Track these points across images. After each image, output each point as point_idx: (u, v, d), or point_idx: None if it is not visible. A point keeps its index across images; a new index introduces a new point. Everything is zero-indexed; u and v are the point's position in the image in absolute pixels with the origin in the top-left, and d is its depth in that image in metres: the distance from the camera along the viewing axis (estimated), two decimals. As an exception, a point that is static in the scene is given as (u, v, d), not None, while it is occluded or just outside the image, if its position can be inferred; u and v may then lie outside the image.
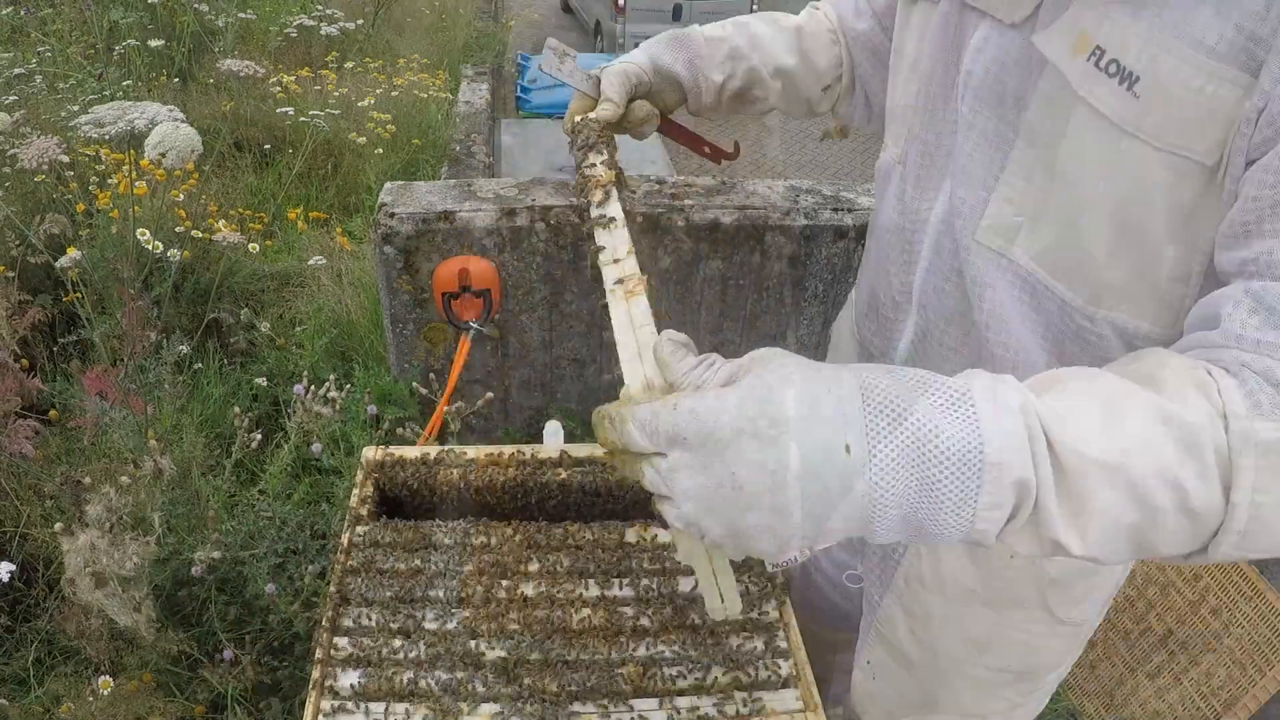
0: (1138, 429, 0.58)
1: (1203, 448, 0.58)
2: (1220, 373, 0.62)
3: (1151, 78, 0.67)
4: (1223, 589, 2.00)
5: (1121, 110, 0.70)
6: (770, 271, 2.45)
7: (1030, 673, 1.08)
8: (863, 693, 1.26)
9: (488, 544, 1.37)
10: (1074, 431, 0.58)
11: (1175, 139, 0.68)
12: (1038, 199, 0.81)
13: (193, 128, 2.25)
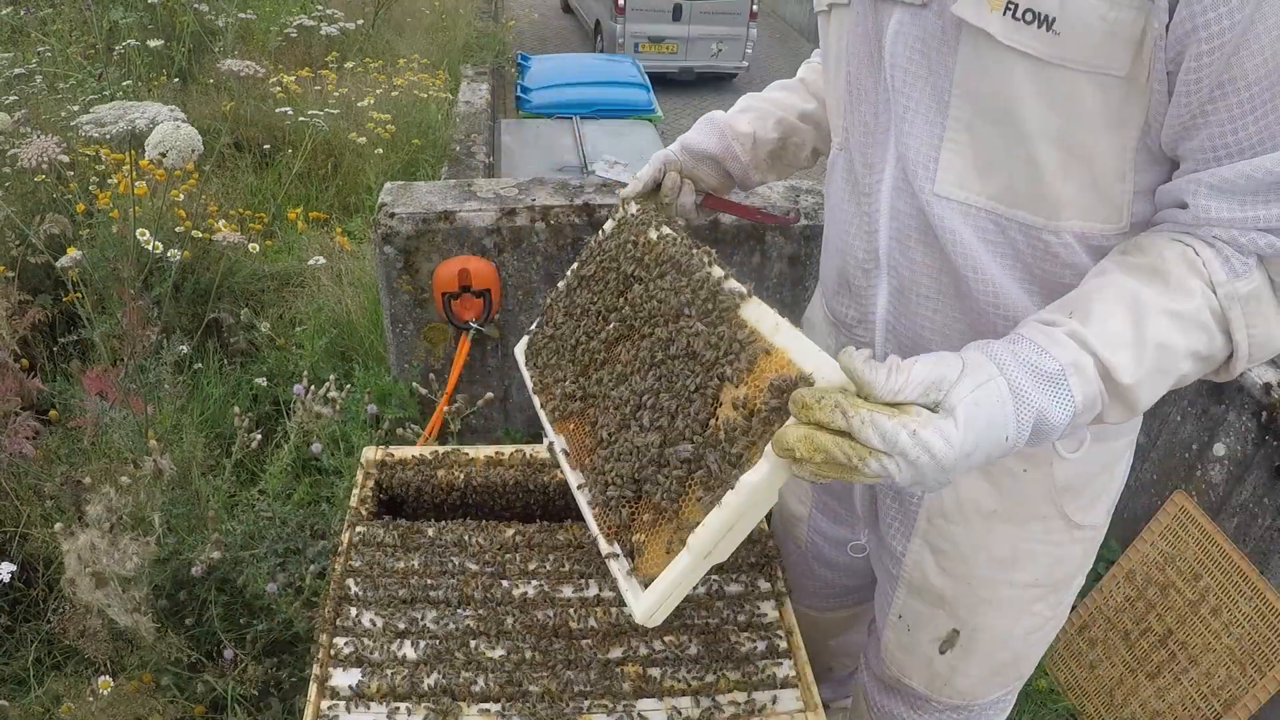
0: (1159, 337, 0.82)
1: (1205, 319, 0.84)
2: (1202, 246, 0.85)
3: (1066, 16, 0.80)
4: (1223, 589, 2.00)
5: (1047, 49, 0.82)
6: (770, 271, 2.45)
7: (1055, 584, 1.18)
8: (897, 647, 1.31)
9: (487, 544, 1.37)
10: (1120, 362, 0.81)
11: (1096, 60, 0.82)
12: (983, 146, 0.92)
13: (193, 128, 2.25)
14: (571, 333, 1.25)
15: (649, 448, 0.99)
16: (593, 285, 1.25)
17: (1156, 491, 2.25)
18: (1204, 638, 2.04)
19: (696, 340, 1.01)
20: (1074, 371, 0.81)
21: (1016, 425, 0.79)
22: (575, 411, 1.17)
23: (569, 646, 1.22)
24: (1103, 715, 2.22)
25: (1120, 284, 0.85)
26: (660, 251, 1.16)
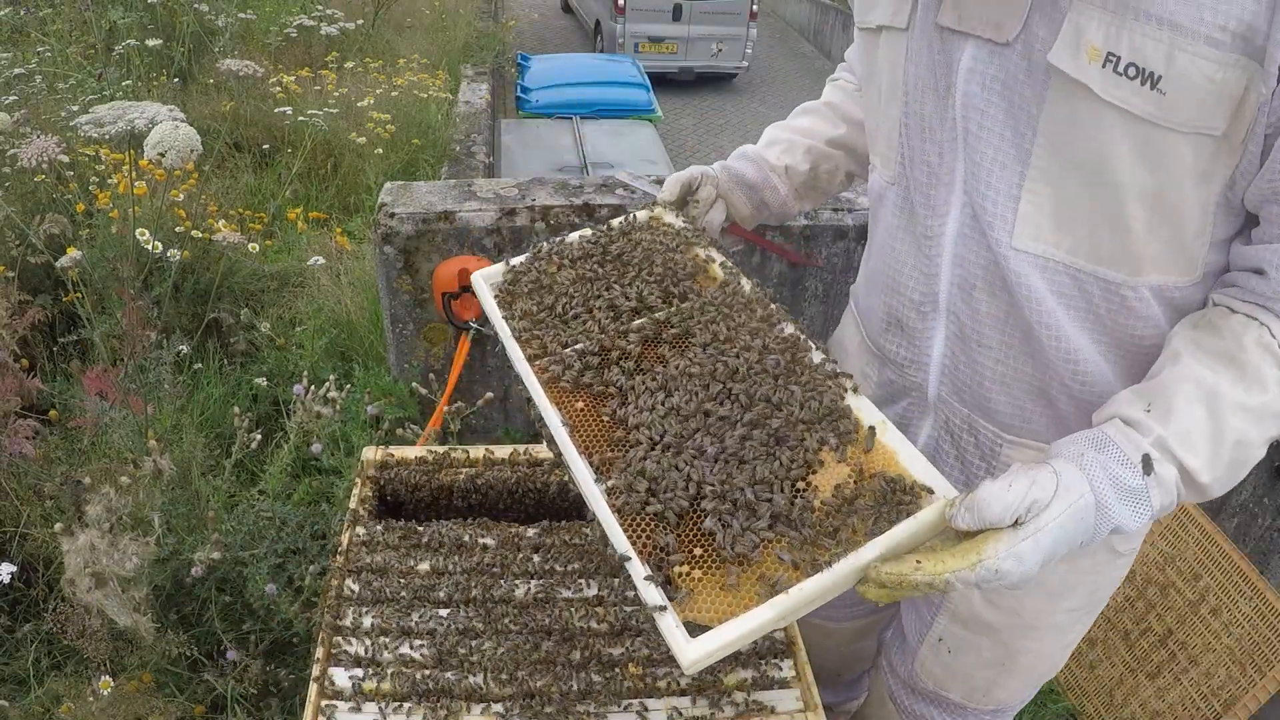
0: (1239, 434, 0.84)
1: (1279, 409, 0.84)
2: (1276, 323, 0.85)
3: (1173, 76, 0.77)
4: (1223, 589, 2.00)
5: (1151, 109, 0.79)
6: (770, 271, 2.45)
7: (1095, 605, 1.24)
8: (936, 665, 1.33)
9: (487, 544, 1.37)
10: (1200, 463, 0.85)
11: (1198, 121, 0.79)
12: (1064, 199, 0.89)
13: (192, 128, 2.25)
14: (584, 301, 1.14)
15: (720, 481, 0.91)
16: (618, 266, 1.18)
17: (1156, 491, 2.25)
18: (1204, 638, 2.04)
19: (789, 396, 0.97)
20: (1155, 484, 0.85)
21: (1094, 534, 0.85)
22: (585, 389, 1.05)
23: (569, 646, 1.22)
24: (1103, 715, 2.22)
25: (1197, 377, 0.86)
26: (727, 284, 1.12)
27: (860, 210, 2.39)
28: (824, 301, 2.48)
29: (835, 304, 2.49)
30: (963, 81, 0.92)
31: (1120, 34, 0.78)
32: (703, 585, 0.85)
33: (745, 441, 0.93)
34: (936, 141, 0.98)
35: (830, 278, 2.44)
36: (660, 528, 0.89)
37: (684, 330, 1.08)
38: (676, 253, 1.18)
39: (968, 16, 0.89)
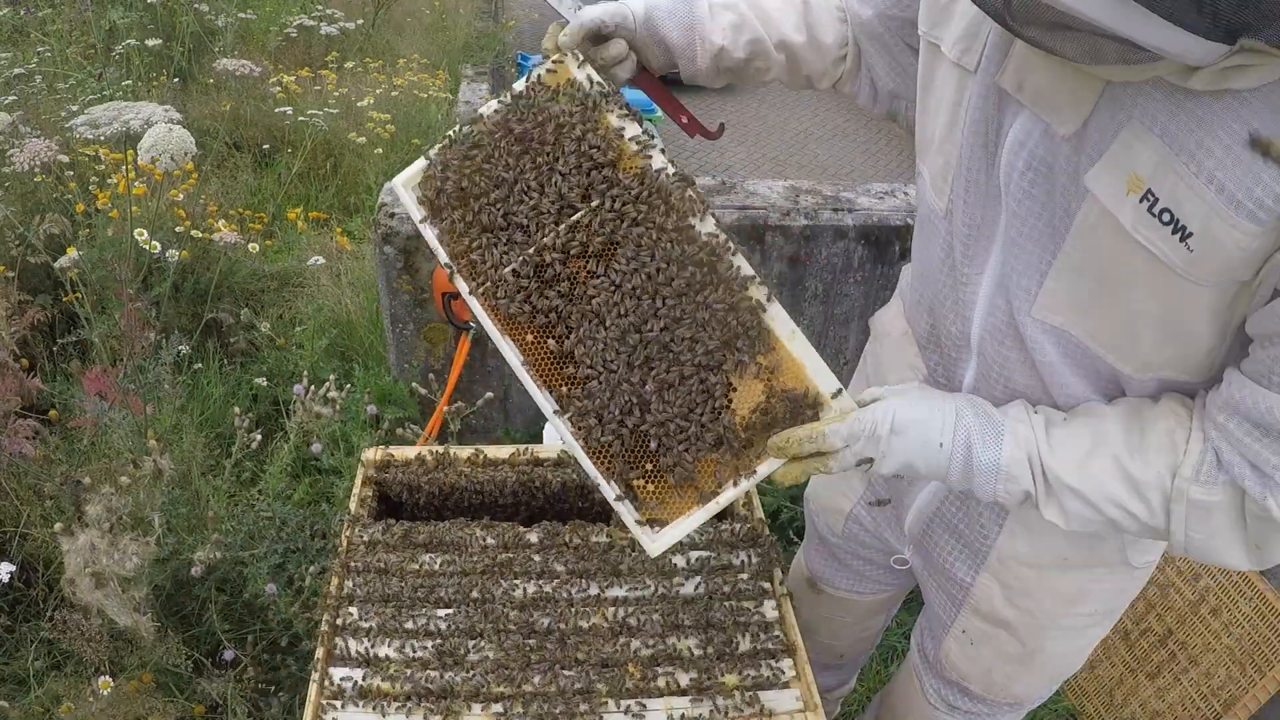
0: (1101, 473, 0.93)
1: (1149, 493, 0.92)
2: (1199, 436, 0.90)
3: (1204, 237, 0.76)
4: (1223, 589, 2.00)
5: (1175, 258, 0.79)
6: (770, 271, 2.45)
7: (1112, 611, 1.26)
8: (960, 656, 1.37)
9: (488, 544, 1.37)
10: (1058, 463, 0.96)
11: (1217, 274, 0.79)
12: (1085, 293, 0.91)
13: (187, 130, 2.25)
14: (504, 209, 1.09)
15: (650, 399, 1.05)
16: (530, 150, 1.09)
17: (1156, 491, 2.25)
18: (1204, 638, 2.04)
19: (712, 316, 1.04)
20: (1012, 434, 0.98)
21: (952, 438, 0.99)
22: (526, 319, 1.10)
23: (569, 646, 1.22)
24: (1103, 715, 2.22)
25: (1109, 419, 0.96)
26: (645, 174, 1.07)
27: (860, 210, 2.39)
28: (824, 301, 2.49)
29: (835, 303, 2.49)
30: (1008, 152, 0.91)
31: (1165, 175, 0.77)
32: (655, 494, 1.07)
33: (671, 368, 1.05)
34: (980, 198, 0.99)
35: (830, 278, 2.44)
36: (615, 454, 1.07)
37: (608, 238, 1.07)
38: (590, 131, 1.08)
39: (1029, 88, 0.87)
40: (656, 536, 1.06)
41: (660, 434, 1.05)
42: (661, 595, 1.31)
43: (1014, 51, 0.88)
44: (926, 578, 1.38)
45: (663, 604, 1.30)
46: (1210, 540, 0.92)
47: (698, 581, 1.33)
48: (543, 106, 1.10)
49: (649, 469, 1.07)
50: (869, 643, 1.79)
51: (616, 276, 1.06)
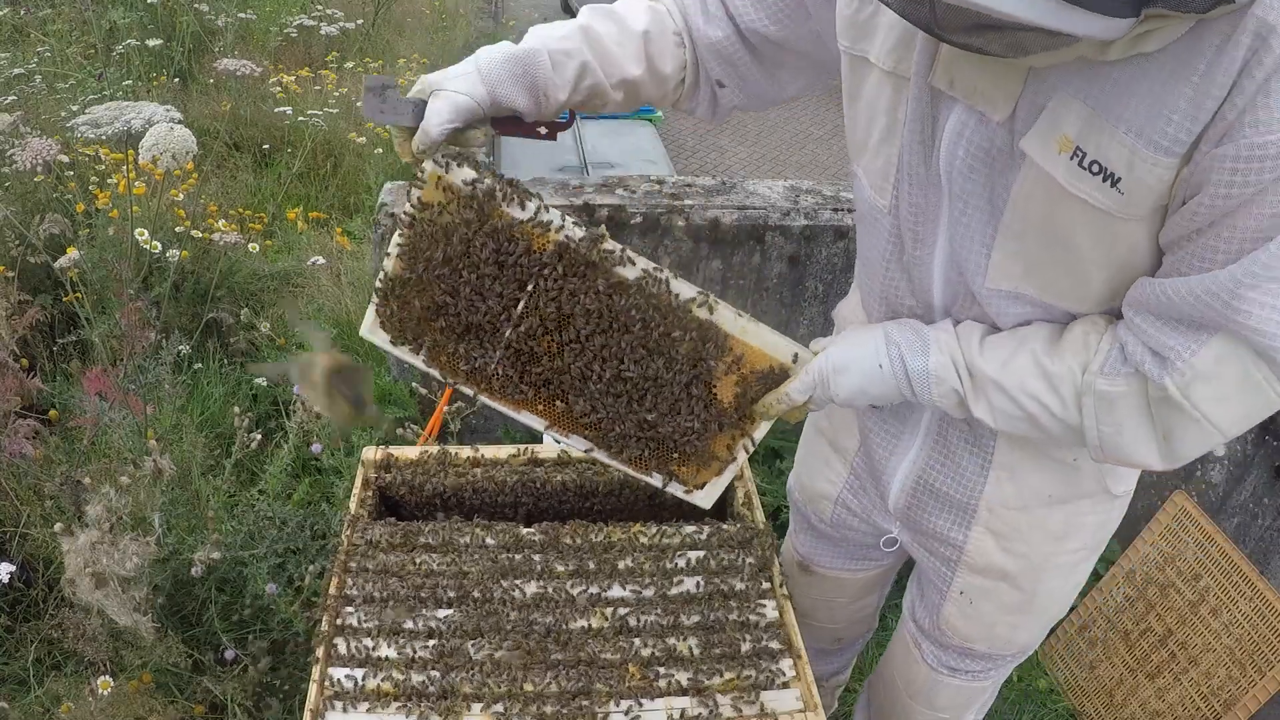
0: (1020, 367, 1.03)
1: (1062, 389, 1.01)
2: (1109, 334, 0.99)
3: (1131, 179, 0.86)
4: (1223, 589, 2.00)
5: (1109, 203, 0.89)
6: (770, 272, 2.45)
7: (1098, 544, 1.34)
8: (960, 618, 1.40)
9: (487, 544, 1.37)
10: (982, 363, 1.06)
11: (1146, 208, 0.89)
12: (1032, 254, 1.00)
13: (188, 129, 2.25)
14: (457, 315, 1.16)
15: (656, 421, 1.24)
16: (452, 266, 1.13)
17: (1156, 491, 2.25)
18: (1204, 638, 2.04)
19: (674, 345, 1.17)
20: (936, 343, 1.10)
21: (888, 357, 1.12)
22: (530, 396, 1.24)
23: (569, 647, 1.22)
24: (1103, 715, 2.22)
25: (1035, 326, 1.06)
26: (561, 247, 1.11)
27: (860, 210, 2.39)
28: (824, 302, 2.49)
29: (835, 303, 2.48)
30: (948, 142, 0.99)
31: (1091, 132, 0.86)
32: (690, 471, 1.31)
33: (661, 394, 1.21)
34: (923, 187, 1.06)
35: (830, 278, 2.44)
36: (648, 458, 1.28)
37: (557, 312, 1.15)
38: (491, 234, 1.11)
39: (960, 83, 0.95)
40: (704, 494, 1.33)
41: (674, 437, 1.25)
42: (661, 595, 1.31)
43: (941, 52, 0.95)
44: (918, 549, 1.42)
45: (663, 604, 1.30)
46: (1119, 434, 0.99)
47: (697, 581, 1.33)
48: (437, 224, 1.12)
49: (677, 457, 1.28)
50: (865, 624, 1.80)
51: (580, 340, 1.17)
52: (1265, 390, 0.91)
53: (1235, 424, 0.95)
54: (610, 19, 1.22)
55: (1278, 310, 0.84)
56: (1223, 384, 0.91)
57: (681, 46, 1.25)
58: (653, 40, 1.22)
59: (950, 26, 0.79)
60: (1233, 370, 0.90)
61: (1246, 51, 0.76)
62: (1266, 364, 0.89)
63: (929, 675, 1.50)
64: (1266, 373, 0.89)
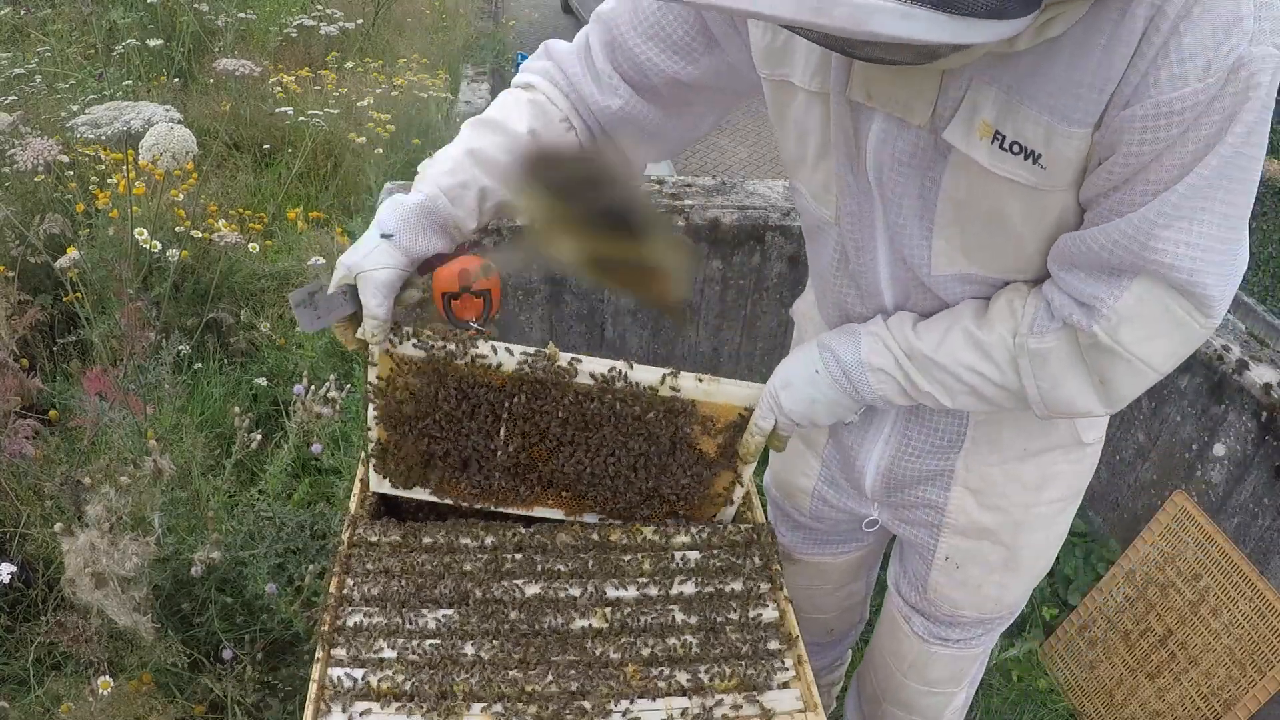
0: (953, 342, 1.08)
1: (996, 355, 1.06)
2: (1034, 296, 1.04)
3: (1050, 153, 0.91)
4: (1223, 589, 2.00)
5: (1034, 179, 0.94)
6: (770, 272, 2.45)
7: (1075, 494, 1.36)
8: (948, 585, 1.43)
9: (487, 544, 1.37)
10: (919, 343, 1.11)
11: (1068, 178, 0.94)
12: (971, 236, 1.04)
13: (188, 129, 2.25)
14: (448, 453, 1.32)
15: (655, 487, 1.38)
16: (429, 418, 1.29)
17: (1156, 491, 2.25)
18: (1204, 638, 2.04)
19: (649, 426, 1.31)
20: (867, 333, 1.15)
21: (821, 361, 1.18)
22: (539, 494, 1.39)
23: (569, 647, 1.22)
24: (1103, 715, 2.22)
25: (963, 304, 1.11)
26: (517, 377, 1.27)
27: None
28: (824, 301, 2.48)
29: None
30: (873, 151, 1.02)
31: (1008, 115, 0.90)
32: (697, 510, 1.42)
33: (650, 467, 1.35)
34: (854, 196, 1.10)
35: (830, 278, 2.44)
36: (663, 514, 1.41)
37: (534, 429, 1.30)
38: (452, 391, 1.27)
39: (878, 94, 0.98)
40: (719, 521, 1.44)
41: (674, 494, 1.38)
42: (661, 595, 1.31)
43: (855, 66, 0.98)
44: (899, 524, 1.44)
45: (663, 604, 1.30)
46: (1057, 388, 1.04)
47: (697, 581, 1.33)
48: (402, 390, 1.27)
49: (683, 506, 1.40)
50: (855, 613, 1.82)
51: (565, 444, 1.31)
52: (1189, 324, 0.95)
53: (1166, 359, 1.00)
54: (492, 130, 1.20)
55: (1189, 245, 0.89)
56: (1148, 324, 0.96)
57: (571, 129, 1.23)
58: (540, 136, 1.21)
59: (858, 45, 0.81)
60: (1155, 309, 0.95)
61: (1144, 22, 0.80)
62: (1185, 298, 0.93)
63: (920, 648, 1.52)
64: (1188, 306, 0.94)
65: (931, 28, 0.69)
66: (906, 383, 1.13)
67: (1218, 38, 0.79)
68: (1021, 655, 2.36)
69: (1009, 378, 1.07)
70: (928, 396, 1.13)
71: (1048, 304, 1.03)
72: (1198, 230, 0.89)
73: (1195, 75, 0.81)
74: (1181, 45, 0.80)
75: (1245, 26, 0.79)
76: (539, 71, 1.25)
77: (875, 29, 0.66)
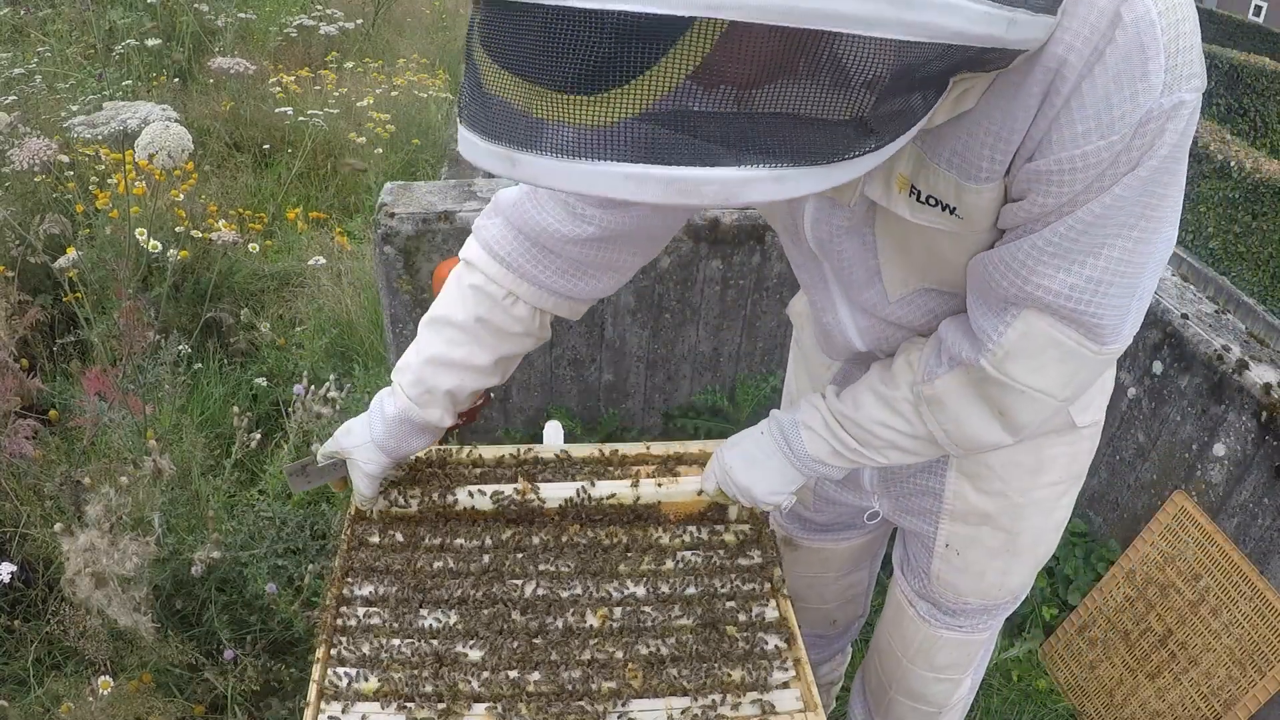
0: (867, 403, 1.15)
1: (901, 407, 1.11)
2: (927, 350, 1.09)
3: (963, 206, 0.93)
4: (1223, 589, 2.00)
5: (953, 227, 0.96)
6: (770, 271, 2.45)
7: (1075, 477, 1.36)
8: (950, 572, 1.43)
9: (487, 545, 1.37)
10: (841, 405, 1.17)
11: (986, 224, 0.96)
12: (913, 258, 1.07)
13: (184, 127, 2.24)
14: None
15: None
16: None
17: (1156, 491, 2.25)
18: (1204, 638, 2.04)
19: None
20: (806, 401, 1.23)
21: (766, 426, 1.27)
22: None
23: (569, 646, 1.22)
24: (1103, 715, 2.22)
25: (873, 367, 1.18)
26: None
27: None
28: (824, 301, 2.48)
29: (835, 304, 2.49)
30: (810, 228, 1.09)
31: (920, 171, 0.93)
32: None
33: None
34: (804, 266, 1.20)
35: (830, 278, 2.44)
36: None
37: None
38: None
39: None
40: None
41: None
42: (662, 595, 1.31)
43: None
44: (900, 515, 1.45)
45: (663, 604, 1.30)
46: (961, 427, 1.07)
47: (698, 581, 1.33)
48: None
49: None
50: (858, 604, 1.82)
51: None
52: (1081, 352, 0.96)
53: (1062, 386, 1.00)
54: (441, 328, 1.24)
55: (1071, 274, 0.90)
56: (1035, 356, 0.97)
57: (516, 302, 1.22)
58: (487, 322, 1.22)
59: None
60: (1041, 342, 0.96)
61: (1044, 84, 0.81)
62: (1074, 328, 0.94)
63: (926, 632, 1.52)
64: (1077, 336, 0.95)
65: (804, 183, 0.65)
66: (836, 442, 1.18)
67: (1123, 95, 0.79)
68: (1021, 655, 2.36)
69: (918, 427, 1.11)
70: (857, 453, 1.17)
71: (937, 348, 1.06)
72: (1093, 264, 0.90)
73: (1098, 133, 0.81)
74: (1084, 104, 0.80)
75: (1153, 82, 0.78)
76: (482, 244, 1.21)
77: (750, 199, 0.63)
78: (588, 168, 0.60)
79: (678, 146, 0.59)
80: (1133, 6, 0.76)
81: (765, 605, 1.32)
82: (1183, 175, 0.88)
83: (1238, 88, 11.96)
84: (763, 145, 0.61)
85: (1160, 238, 0.91)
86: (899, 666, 1.60)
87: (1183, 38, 0.78)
